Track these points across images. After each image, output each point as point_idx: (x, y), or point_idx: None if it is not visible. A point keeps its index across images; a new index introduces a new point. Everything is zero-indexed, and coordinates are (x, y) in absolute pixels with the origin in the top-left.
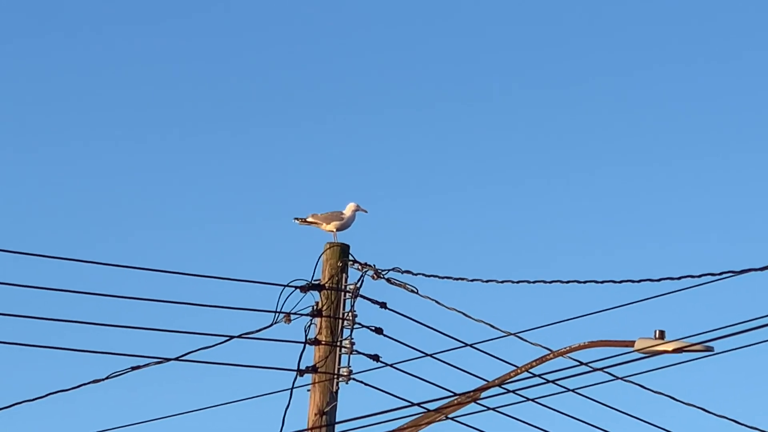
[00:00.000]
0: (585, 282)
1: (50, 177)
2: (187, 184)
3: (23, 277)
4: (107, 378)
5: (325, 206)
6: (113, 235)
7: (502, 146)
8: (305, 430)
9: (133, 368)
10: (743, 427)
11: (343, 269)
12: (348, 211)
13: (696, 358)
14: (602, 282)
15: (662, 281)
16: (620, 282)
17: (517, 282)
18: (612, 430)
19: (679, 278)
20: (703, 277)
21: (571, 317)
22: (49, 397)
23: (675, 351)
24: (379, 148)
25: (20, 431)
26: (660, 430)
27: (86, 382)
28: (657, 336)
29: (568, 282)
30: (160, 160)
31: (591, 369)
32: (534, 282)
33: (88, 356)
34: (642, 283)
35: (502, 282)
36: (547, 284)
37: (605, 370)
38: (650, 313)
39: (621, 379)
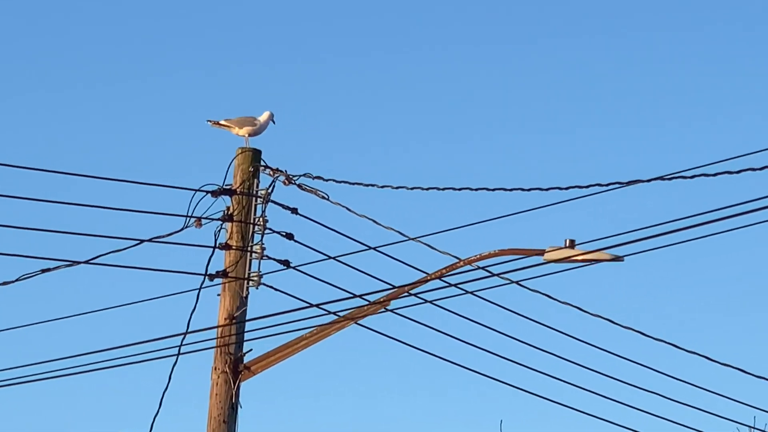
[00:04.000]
0: (494, 189)
1: None
2: (100, 83)
3: None
4: (17, 280)
5: (238, 111)
6: (24, 137)
7: (412, 47)
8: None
9: (44, 271)
10: (648, 338)
11: (255, 174)
12: (262, 118)
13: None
14: (511, 189)
15: (570, 189)
16: (529, 190)
17: (427, 189)
18: (520, 338)
19: (587, 186)
20: (610, 186)
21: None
22: None
23: (584, 260)
24: (290, 53)
25: None
26: (567, 338)
27: None
28: (567, 245)
29: (477, 189)
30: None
31: (501, 278)
32: (443, 189)
33: None
34: (551, 191)
35: (411, 189)
36: (457, 191)
37: (519, 282)
38: (562, 223)
39: (529, 289)
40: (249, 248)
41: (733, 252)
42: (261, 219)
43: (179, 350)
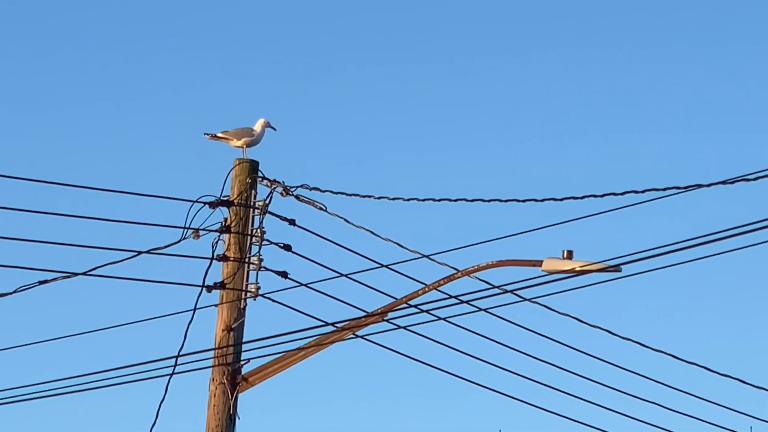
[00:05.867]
0: (489, 201)
1: None
2: (97, 96)
3: None
4: (15, 292)
5: (235, 122)
6: (23, 149)
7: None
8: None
9: (41, 282)
10: (648, 349)
11: (252, 185)
12: (258, 127)
13: (603, 281)
14: (506, 201)
15: (565, 200)
16: (524, 201)
17: (423, 200)
18: (519, 348)
19: (582, 197)
20: (605, 197)
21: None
22: None
23: (582, 271)
24: (287, 64)
25: None
26: (566, 349)
27: None
28: (565, 256)
29: (473, 200)
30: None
31: (499, 290)
32: (440, 200)
33: None
34: (546, 202)
35: (408, 200)
36: (453, 202)
37: (514, 292)
38: (561, 236)
39: (527, 299)
40: (247, 260)
41: (731, 263)
42: (258, 230)
43: (174, 369)
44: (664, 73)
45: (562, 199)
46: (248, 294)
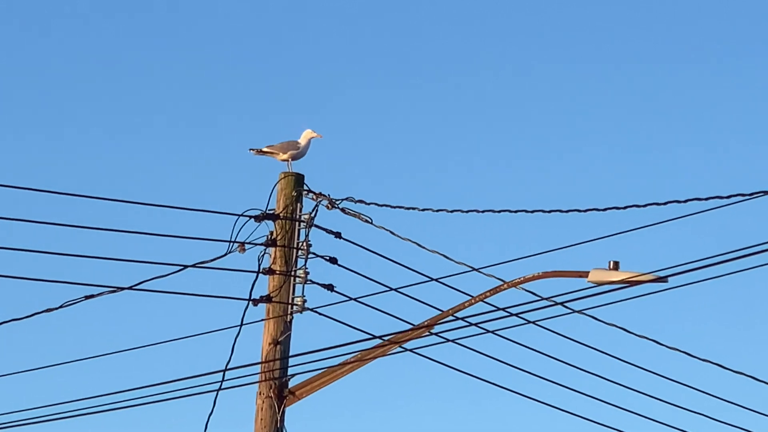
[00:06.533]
0: (533, 212)
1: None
2: (145, 113)
3: None
4: (61, 307)
5: (279, 137)
6: (69, 163)
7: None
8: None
9: (87, 297)
10: (694, 359)
11: (298, 199)
12: (303, 140)
13: (650, 292)
14: (550, 212)
15: (608, 211)
16: (567, 211)
17: (467, 212)
18: (566, 360)
19: (625, 207)
20: (647, 207)
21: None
22: (2, 325)
23: (628, 282)
24: (332, 79)
25: None
26: (613, 360)
27: (40, 311)
28: (611, 267)
29: (517, 212)
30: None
31: (546, 301)
32: (484, 212)
33: (41, 285)
34: (589, 212)
35: (452, 212)
36: (497, 213)
37: (563, 303)
38: (604, 246)
39: (574, 310)
40: (293, 273)
41: None
42: (304, 243)
43: (222, 383)
44: (710, 84)
45: (605, 210)
46: (294, 307)
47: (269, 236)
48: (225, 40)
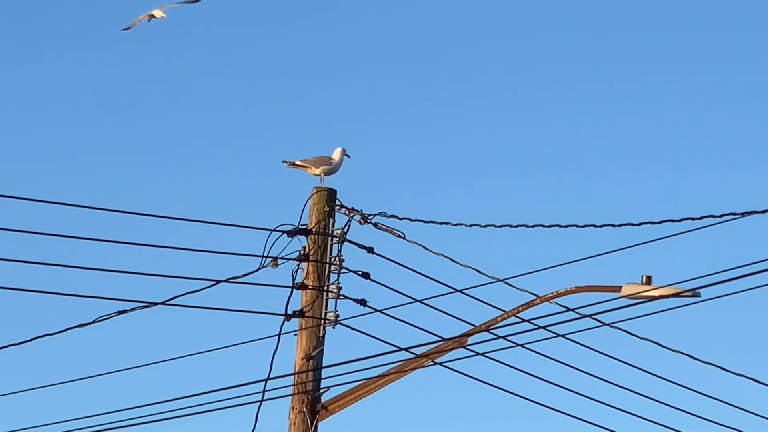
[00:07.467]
0: (566, 226)
1: (34, 124)
2: (176, 128)
3: (9, 221)
4: (94, 322)
5: (312, 151)
6: (101, 180)
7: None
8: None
9: (120, 312)
10: (728, 373)
11: (330, 214)
12: (336, 155)
13: (683, 305)
14: (583, 226)
15: (643, 225)
16: (601, 226)
17: (500, 226)
18: (598, 374)
19: (660, 222)
20: (683, 222)
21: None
22: (35, 340)
23: (661, 296)
24: (363, 93)
25: (6, 375)
26: (646, 374)
27: (73, 326)
28: (644, 281)
29: (550, 226)
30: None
31: (579, 315)
32: (517, 226)
33: (74, 300)
34: (623, 227)
35: (485, 226)
36: (530, 228)
37: (592, 316)
38: (637, 260)
39: (607, 324)
40: (325, 288)
41: None
42: (337, 258)
43: (263, 396)
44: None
45: (639, 224)
46: (327, 322)
47: (302, 251)
48: (261, 55)
